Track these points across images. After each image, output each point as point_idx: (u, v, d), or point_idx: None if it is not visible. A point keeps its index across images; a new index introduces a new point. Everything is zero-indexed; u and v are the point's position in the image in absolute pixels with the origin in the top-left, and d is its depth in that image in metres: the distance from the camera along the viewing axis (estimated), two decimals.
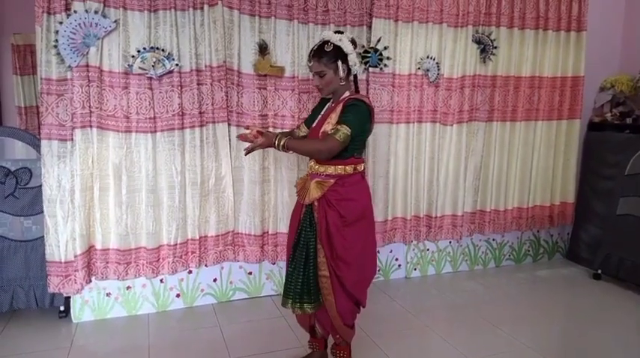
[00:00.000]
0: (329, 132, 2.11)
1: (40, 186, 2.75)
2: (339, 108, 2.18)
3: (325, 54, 2.16)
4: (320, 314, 2.31)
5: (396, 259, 3.76)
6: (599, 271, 3.83)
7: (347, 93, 2.25)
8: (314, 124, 2.32)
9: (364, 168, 2.30)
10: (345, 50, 2.18)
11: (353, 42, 2.22)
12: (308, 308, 2.22)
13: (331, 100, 2.31)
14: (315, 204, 2.20)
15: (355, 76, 2.32)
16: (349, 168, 2.20)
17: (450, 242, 3.89)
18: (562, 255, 4.34)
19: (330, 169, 2.18)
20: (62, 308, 2.99)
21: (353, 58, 2.20)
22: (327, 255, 2.18)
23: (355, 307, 2.36)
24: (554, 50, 3.83)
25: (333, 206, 2.16)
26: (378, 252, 3.57)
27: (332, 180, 2.18)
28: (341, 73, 2.18)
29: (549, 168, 4.00)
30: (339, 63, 2.17)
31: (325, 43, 2.17)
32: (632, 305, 3.36)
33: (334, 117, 2.17)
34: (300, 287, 2.21)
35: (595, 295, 3.55)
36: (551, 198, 4.06)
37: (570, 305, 3.46)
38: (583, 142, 4.18)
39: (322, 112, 2.32)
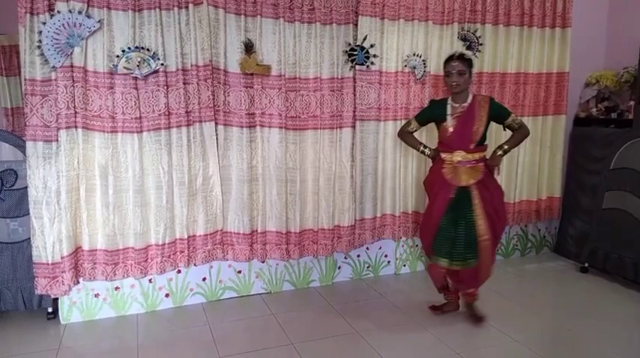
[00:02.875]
0: (517, 122, 2.85)
1: (26, 187, 2.74)
2: (481, 106, 2.78)
3: (466, 59, 2.78)
4: (467, 273, 2.83)
5: (386, 255, 3.78)
6: (587, 265, 3.87)
7: (470, 95, 2.83)
8: (454, 123, 2.80)
9: None
10: (473, 64, 2.85)
11: None
12: (473, 262, 2.79)
13: (454, 101, 2.82)
14: (472, 184, 2.78)
15: None
16: (484, 154, 2.85)
17: None
18: (550, 249, 4.38)
19: (476, 156, 2.81)
20: (50, 310, 2.98)
21: (473, 72, 2.88)
22: (490, 223, 2.78)
23: None
24: (539, 46, 3.86)
25: (492, 183, 2.85)
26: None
27: (482, 164, 2.82)
28: (471, 78, 2.84)
29: (535, 163, 4.03)
30: (472, 69, 2.82)
31: (463, 53, 2.86)
32: (618, 297, 3.40)
33: (483, 114, 2.77)
34: (465, 248, 2.78)
35: (582, 288, 3.59)
36: (537, 193, 4.10)
37: (558, 298, 3.50)
38: (569, 137, 4.23)
39: (451, 112, 2.82)
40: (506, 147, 2.85)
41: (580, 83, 4.25)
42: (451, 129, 2.82)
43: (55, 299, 2.94)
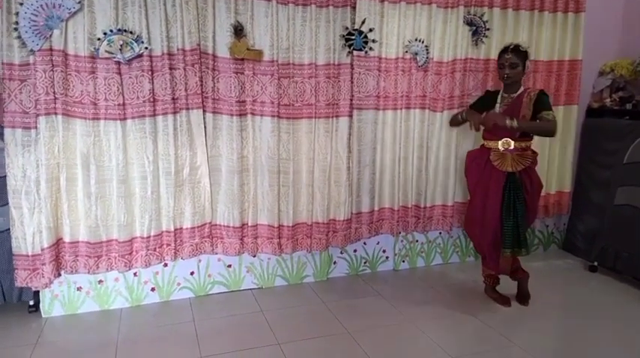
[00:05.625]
0: (549, 119, 2.77)
1: (6, 176, 2.63)
2: (530, 97, 2.83)
3: (521, 52, 2.85)
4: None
5: (384, 251, 3.63)
6: (596, 263, 3.69)
7: (522, 87, 2.90)
8: (501, 111, 2.90)
9: None
10: (528, 56, 2.90)
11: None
12: (524, 251, 2.92)
13: (504, 92, 2.93)
14: (519, 171, 2.87)
15: None
16: (530, 143, 2.92)
17: (440, 233, 3.75)
18: (558, 246, 4.19)
19: (523, 144, 2.88)
20: (32, 303, 2.88)
21: (528, 64, 2.91)
22: (529, 206, 2.93)
23: None
24: (551, 32, 3.65)
25: (533, 170, 2.93)
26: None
27: (529, 152, 2.91)
28: (525, 70, 2.88)
29: (545, 155, 3.81)
30: (527, 62, 2.88)
31: (519, 45, 2.88)
32: (628, 298, 3.22)
33: (529, 105, 2.82)
34: (519, 236, 2.89)
35: (590, 288, 3.41)
36: (546, 187, 3.88)
37: (564, 298, 3.32)
38: (581, 129, 4.01)
39: (500, 102, 2.94)
40: (516, 123, 2.74)
41: (593, 72, 4.01)
42: None
43: (37, 292, 2.85)
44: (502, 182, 2.88)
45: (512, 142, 2.85)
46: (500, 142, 2.88)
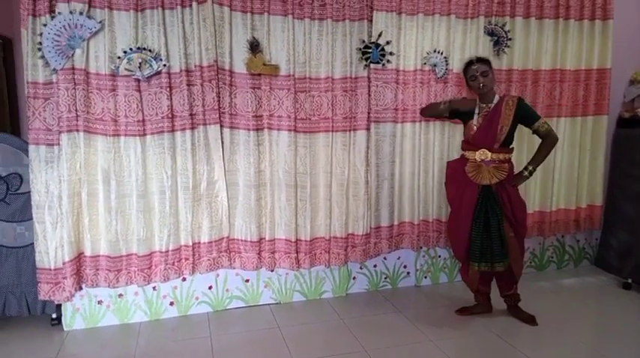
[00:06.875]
0: (544, 129, 2.78)
1: (30, 191, 2.71)
2: (508, 106, 2.75)
3: (485, 60, 2.84)
4: (502, 275, 2.91)
5: (405, 266, 3.55)
6: (630, 280, 3.51)
7: (497, 95, 2.82)
8: (480, 121, 2.81)
9: None
10: (491, 64, 2.86)
11: None
12: (499, 266, 2.82)
13: (481, 102, 2.83)
14: (494, 184, 2.78)
15: None
16: (509, 156, 2.83)
17: None
18: (590, 262, 4.02)
19: (501, 156, 2.79)
20: (54, 316, 2.94)
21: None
22: (511, 220, 2.81)
23: None
24: (577, 41, 3.54)
25: (513, 191, 2.83)
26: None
27: (506, 165, 2.80)
28: (494, 77, 2.84)
29: (574, 168, 3.70)
30: (492, 69, 2.84)
31: (479, 56, 2.88)
32: None
33: (509, 114, 2.74)
34: (500, 248, 2.79)
35: (623, 307, 3.23)
36: (576, 201, 3.76)
37: (596, 317, 3.16)
38: (612, 140, 3.86)
39: (479, 112, 2.83)
40: (531, 168, 2.85)
41: (624, 80, 3.87)
42: (476, 128, 2.82)
43: (59, 306, 2.90)
44: (475, 194, 2.82)
45: (489, 154, 2.76)
46: (477, 153, 2.79)
